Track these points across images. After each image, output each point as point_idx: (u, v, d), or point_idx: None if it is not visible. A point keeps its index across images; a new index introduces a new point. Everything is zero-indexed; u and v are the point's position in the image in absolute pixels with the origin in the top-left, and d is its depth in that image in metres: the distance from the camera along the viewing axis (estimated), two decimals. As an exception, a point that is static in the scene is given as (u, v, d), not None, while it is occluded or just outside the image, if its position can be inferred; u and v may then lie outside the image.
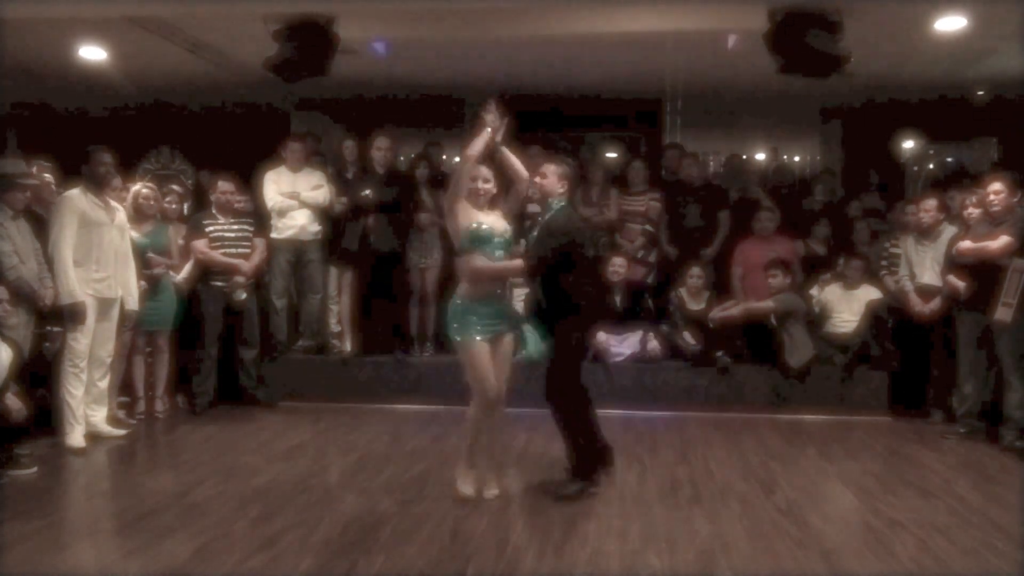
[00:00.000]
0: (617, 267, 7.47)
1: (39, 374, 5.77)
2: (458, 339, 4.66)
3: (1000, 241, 5.93)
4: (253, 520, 4.37)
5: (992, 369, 6.16)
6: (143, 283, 6.47)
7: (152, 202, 6.75)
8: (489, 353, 4.64)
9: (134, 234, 6.44)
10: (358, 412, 7.02)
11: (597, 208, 8.01)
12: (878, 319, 7.12)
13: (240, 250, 7.05)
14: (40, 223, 5.89)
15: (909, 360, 6.95)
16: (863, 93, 8.78)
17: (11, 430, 5.12)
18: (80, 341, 5.81)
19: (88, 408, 5.98)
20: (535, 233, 4.84)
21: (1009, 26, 6.55)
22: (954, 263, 6.27)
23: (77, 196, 5.86)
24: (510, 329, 4.79)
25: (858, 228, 7.85)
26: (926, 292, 6.67)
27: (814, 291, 7.61)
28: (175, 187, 7.44)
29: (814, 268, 7.76)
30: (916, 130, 9.94)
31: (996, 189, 6.06)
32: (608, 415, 6.97)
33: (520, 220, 5.48)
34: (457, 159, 9.17)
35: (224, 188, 7.05)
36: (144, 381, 6.85)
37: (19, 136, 9.40)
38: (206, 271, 6.96)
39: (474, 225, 4.64)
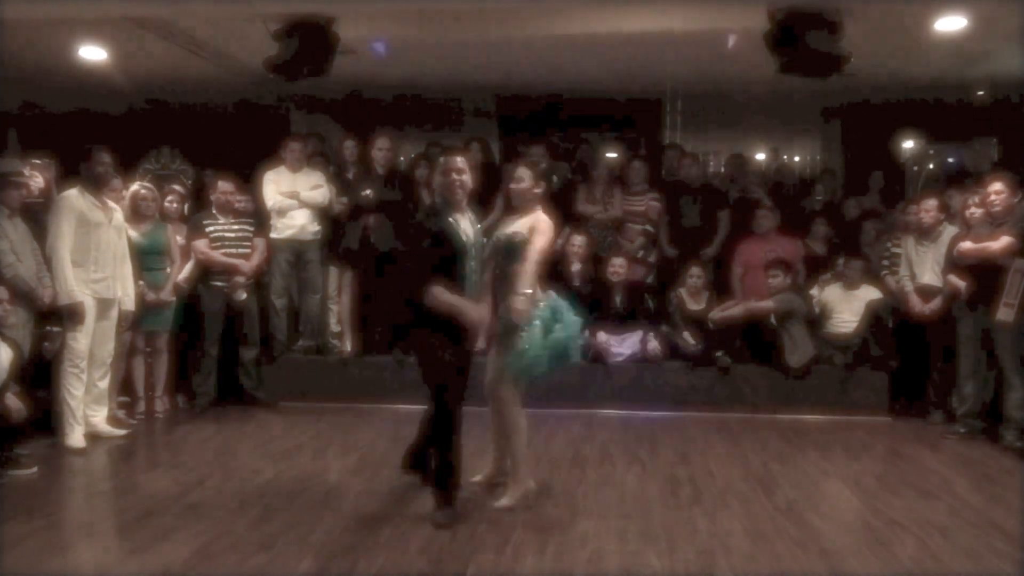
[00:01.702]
0: (617, 267, 7.47)
1: (39, 374, 5.77)
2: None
3: (1001, 242, 5.93)
4: (253, 520, 4.36)
5: (992, 369, 6.16)
6: (141, 283, 6.47)
7: (149, 202, 6.75)
8: None
9: (132, 234, 6.44)
10: (358, 412, 7.02)
11: (601, 206, 8.01)
12: (878, 319, 7.13)
13: (240, 250, 7.05)
14: (38, 222, 5.91)
15: (909, 360, 6.94)
16: (863, 93, 8.79)
17: (11, 430, 5.12)
18: (80, 341, 5.81)
19: (88, 408, 5.98)
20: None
21: (1009, 26, 6.55)
22: (955, 263, 6.27)
23: (75, 196, 5.86)
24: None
25: (865, 228, 7.85)
26: (926, 292, 6.67)
27: (814, 291, 7.61)
28: (175, 187, 7.43)
29: (814, 268, 7.76)
30: (916, 130, 9.94)
31: (997, 189, 6.06)
32: (608, 415, 7.04)
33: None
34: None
35: (224, 188, 7.05)
36: (144, 381, 6.86)
37: (19, 136, 9.41)
38: (206, 271, 6.95)
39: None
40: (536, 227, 4.49)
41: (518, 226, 4.54)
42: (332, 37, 6.25)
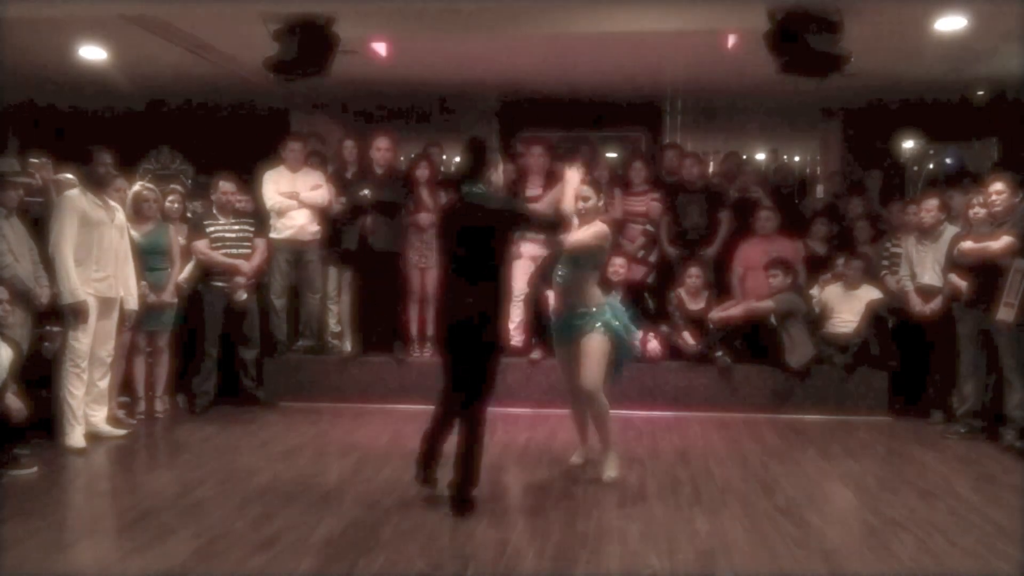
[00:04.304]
0: (617, 267, 7.46)
1: (39, 374, 5.77)
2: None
3: (1001, 241, 5.92)
4: (253, 520, 4.37)
5: (992, 369, 6.16)
6: (144, 283, 6.47)
7: (152, 203, 6.74)
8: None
9: (134, 234, 6.44)
10: (358, 412, 7.02)
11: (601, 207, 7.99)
12: (878, 319, 7.13)
13: (241, 250, 7.05)
14: (36, 222, 5.91)
15: (909, 360, 6.95)
16: (863, 93, 8.78)
17: (11, 430, 5.12)
18: (81, 341, 5.81)
19: (88, 408, 5.97)
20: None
21: (1009, 26, 6.55)
22: (956, 263, 6.27)
23: (77, 196, 5.86)
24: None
25: (859, 227, 7.84)
26: (927, 292, 6.67)
27: (814, 291, 7.61)
28: (175, 187, 7.43)
29: (814, 268, 7.76)
30: (916, 130, 9.94)
31: (998, 189, 6.07)
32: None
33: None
34: (457, 159, 9.23)
35: (225, 188, 7.05)
36: (144, 381, 6.85)
37: (19, 136, 9.41)
38: (207, 271, 6.96)
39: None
40: (601, 234, 5.12)
41: (585, 235, 5.08)
42: (332, 37, 6.25)
